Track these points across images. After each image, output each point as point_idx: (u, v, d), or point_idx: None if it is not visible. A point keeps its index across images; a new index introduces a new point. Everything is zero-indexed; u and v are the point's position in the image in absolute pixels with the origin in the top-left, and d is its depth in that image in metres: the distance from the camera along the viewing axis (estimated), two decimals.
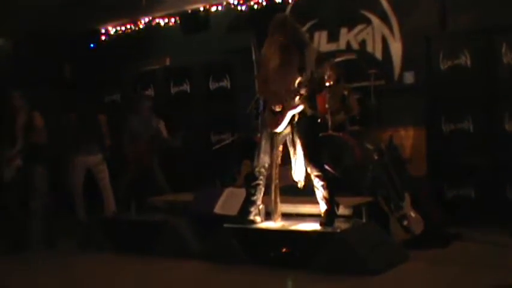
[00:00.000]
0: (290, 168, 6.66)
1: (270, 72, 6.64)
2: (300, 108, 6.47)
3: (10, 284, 6.38)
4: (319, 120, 8.04)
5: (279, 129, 6.56)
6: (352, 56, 6.62)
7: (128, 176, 9.33)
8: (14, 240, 7.86)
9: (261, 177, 6.74)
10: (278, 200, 6.72)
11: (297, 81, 6.46)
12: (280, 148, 6.72)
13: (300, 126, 6.53)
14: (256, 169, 6.74)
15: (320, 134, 7.77)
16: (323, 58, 6.77)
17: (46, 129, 7.96)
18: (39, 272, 6.94)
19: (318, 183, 6.43)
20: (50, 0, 9.66)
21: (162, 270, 6.65)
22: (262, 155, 6.70)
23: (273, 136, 6.62)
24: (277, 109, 6.50)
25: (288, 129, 6.58)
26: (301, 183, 6.60)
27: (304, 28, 9.06)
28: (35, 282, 6.50)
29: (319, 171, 6.44)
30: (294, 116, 6.50)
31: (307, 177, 6.54)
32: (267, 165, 6.71)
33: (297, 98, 6.44)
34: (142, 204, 8.28)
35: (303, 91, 6.43)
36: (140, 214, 8.17)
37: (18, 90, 8.10)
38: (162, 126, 9.47)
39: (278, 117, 6.50)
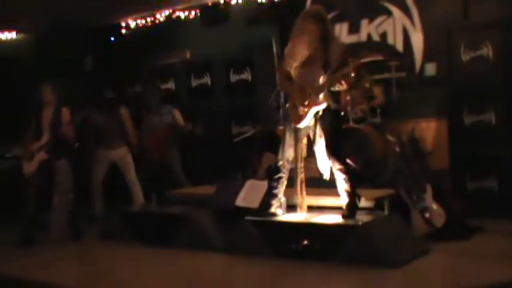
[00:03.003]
0: (312, 161, 6.65)
1: (294, 66, 6.56)
2: (324, 105, 6.43)
3: (32, 276, 6.44)
4: (341, 114, 8.03)
5: (302, 125, 6.50)
6: (380, 57, 6.55)
7: (146, 168, 9.37)
8: (24, 234, 7.76)
9: (284, 170, 6.71)
10: (304, 193, 6.67)
11: (321, 78, 6.43)
12: (305, 141, 6.67)
13: (323, 120, 6.49)
14: (280, 162, 6.71)
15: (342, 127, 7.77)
16: (349, 55, 6.66)
17: (73, 124, 7.89)
18: (62, 263, 7.00)
19: (339, 176, 6.41)
20: None
21: (183, 263, 6.67)
22: (286, 149, 6.67)
23: (297, 130, 6.58)
24: (301, 104, 6.43)
25: (312, 122, 6.53)
26: (326, 176, 6.58)
27: None
28: (57, 273, 6.54)
29: (341, 164, 6.42)
30: (317, 110, 6.47)
31: (331, 169, 6.52)
32: (291, 158, 6.67)
33: (322, 94, 6.40)
34: (162, 197, 8.30)
35: (326, 88, 6.39)
36: (161, 206, 8.20)
37: (49, 83, 7.98)
38: (177, 114, 9.49)
39: (301, 113, 6.45)
